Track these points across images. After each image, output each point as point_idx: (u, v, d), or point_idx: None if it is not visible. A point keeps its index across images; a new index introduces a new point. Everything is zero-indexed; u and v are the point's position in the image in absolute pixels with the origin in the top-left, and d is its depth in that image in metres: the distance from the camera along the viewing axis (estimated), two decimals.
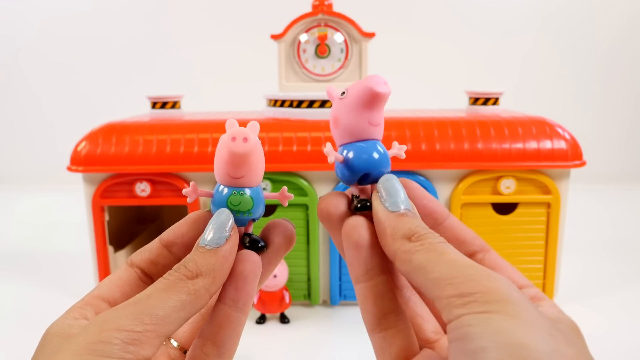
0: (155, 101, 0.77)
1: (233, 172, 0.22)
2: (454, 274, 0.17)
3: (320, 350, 0.57)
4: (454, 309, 0.17)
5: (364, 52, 0.69)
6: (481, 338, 0.15)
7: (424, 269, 0.18)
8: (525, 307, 0.16)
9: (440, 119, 0.65)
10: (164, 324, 0.18)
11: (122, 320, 0.18)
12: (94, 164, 0.63)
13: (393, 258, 0.20)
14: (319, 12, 0.68)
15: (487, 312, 0.16)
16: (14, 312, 0.67)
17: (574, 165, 0.62)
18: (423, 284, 0.18)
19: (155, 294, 0.19)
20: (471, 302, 0.16)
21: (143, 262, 0.23)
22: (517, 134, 0.63)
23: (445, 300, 0.17)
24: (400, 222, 0.20)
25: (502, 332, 0.15)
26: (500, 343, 0.15)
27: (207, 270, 0.20)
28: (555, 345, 0.15)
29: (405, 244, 0.20)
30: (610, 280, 0.74)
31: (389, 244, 0.20)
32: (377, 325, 0.22)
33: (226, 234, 0.21)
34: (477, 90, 0.74)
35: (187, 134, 0.63)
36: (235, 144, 0.21)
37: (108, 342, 0.17)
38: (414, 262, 0.19)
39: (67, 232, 0.98)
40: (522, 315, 0.16)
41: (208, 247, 0.20)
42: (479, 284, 0.17)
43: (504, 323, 0.15)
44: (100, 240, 0.65)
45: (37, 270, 0.80)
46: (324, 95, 0.67)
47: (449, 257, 0.19)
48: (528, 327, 0.15)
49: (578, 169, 0.63)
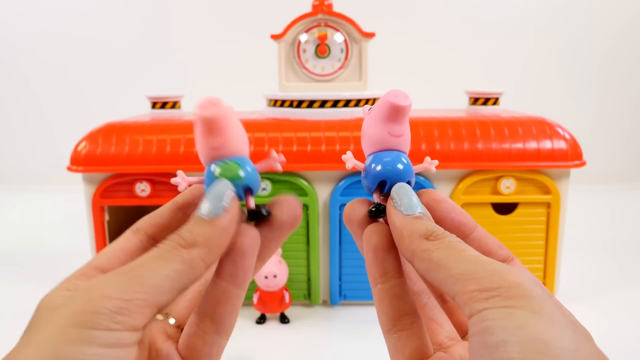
0: (155, 101, 0.77)
1: (211, 143, 0.21)
2: (476, 269, 0.17)
3: (320, 350, 0.57)
4: (476, 303, 0.16)
5: (364, 52, 0.69)
6: (503, 332, 0.15)
7: (444, 266, 0.18)
8: (549, 303, 0.16)
9: (440, 119, 0.65)
10: (156, 293, 0.17)
11: (110, 288, 0.17)
12: (94, 164, 0.63)
13: (411, 258, 0.20)
14: (319, 12, 0.68)
15: (509, 307, 0.16)
16: (13, 312, 0.67)
17: (574, 165, 0.62)
18: (443, 281, 0.18)
19: (147, 262, 0.18)
20: (494, 297, 0.16)
21: (152, 227, 0.22)
22: (517, 134, 0.63)
23: (468, 295, 0.17)
24: (417, 224, 0.20)
25: (524, 327, 0.15)
26: (522, 337, 0.15)
27: (204, 240, 0.19)
28: (578, 343, 0.15)
29: (424, 243, 0.20)
30: (610, 280, 0.74)
31: (407, 244, 0.20)
32: (392, 327, 0.22)
33: (224, 203, 0.20)
34: (477, 90, 0.74)
35: (187, 134, 0.63)
36: (204, 109, 0.21)
37: (94, 312, 0.16)
38: (434, 259, 0.19)
39: (67, 232, 0.98)
40: (546, 312, 0.16)
41: (205, 217, 0.20)
42: (502, 278, 0.17)
43: (527, 318, 0.15)
44: (100, 240, 0.65)
45: (37, 271, 0.80)
46: (324, 95, 0.67)
47: (469, 254, 0.18)
48: (551, 324, 0.15)
49: (578, 169, 0.63)
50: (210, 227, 0.19)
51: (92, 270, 0.20)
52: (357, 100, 0.68)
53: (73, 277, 0.20)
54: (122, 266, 0.18)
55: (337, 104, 0.67)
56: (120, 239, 0.22)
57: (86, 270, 0.20)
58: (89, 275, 0.20)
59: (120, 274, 0.18)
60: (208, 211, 0.20)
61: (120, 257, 0.21)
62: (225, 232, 0.20)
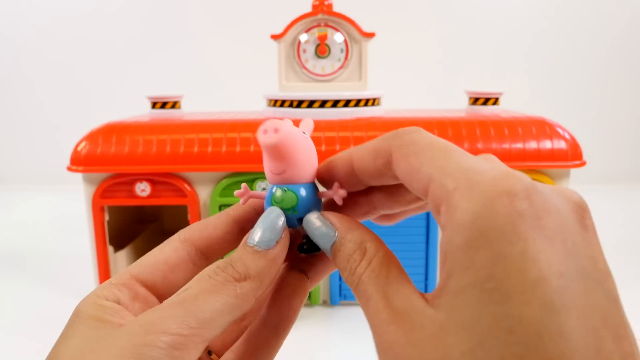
0: (155, 101, 0.77)
1: (272, 167, 0.20)
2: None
3: (320, 350, 0.57)
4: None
5: (364, 52, 0.69)
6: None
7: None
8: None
9: (440, 119, 0.65)
10: (209, 328, 0.17)
11: (169, 323, 0.17)
12: (94, 164, 0.63)
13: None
14: (319, 12, 0.68)
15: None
16: (13, 312, 0.67)
17: (574, 165, 0.62)
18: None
19: (202, 295, 0.18)
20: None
21: (203, 241, 0.21)
22: (517, 134, 0.63)
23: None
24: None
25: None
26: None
27: (256, 274, 0.19)
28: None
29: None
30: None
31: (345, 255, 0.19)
32: None
33: (277, 235, 0.19)
34: (477, 90, 0.74)
35: (187, 134, 0.63)
36: (265, 135, 0.19)
37: (154, 346, 0.16)
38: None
39: (67, 232, 0.98)
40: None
41: (257, 248, 0.19)
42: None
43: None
44: (100, 240, 0.65)
45: (37, 271, 0.80)
46: (324, 95, 0.67)
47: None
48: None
49: (578, 169, 0.63)
50: (263, 259, 0.19)
51: (131, 280, 0.20)
52: (357, 100, 0.68)
53: (112, 283, 0.19)
54: (177, 296, 0.18)
55: (337, 104, 0.67)
56: (166, 247, 0.21)
57: (126, 279, 0.20)
58: (129, 287, 0.19)
59: (177, 306, 0.17)
60: (260, 242, 0.19)
61: (164, 271, 0.20)
62: (276, 264, 0.19)
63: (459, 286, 0.14)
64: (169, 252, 0.20)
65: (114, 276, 0.20)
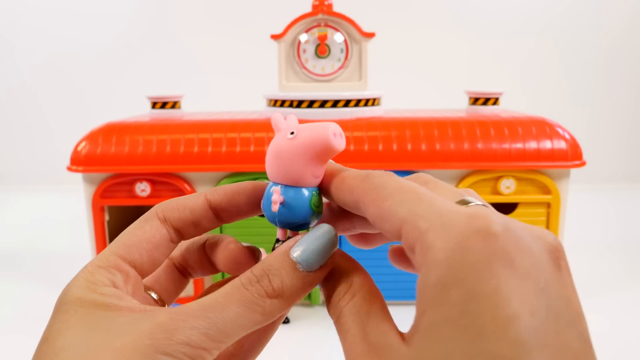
0: (155, 101, 0.77)
1: (316, 171, 0.19)
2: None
3: (320, 350, 0.57)
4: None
5: (364, 52, 0.69)
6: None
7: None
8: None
9: (440, 119, 0.65)
10: (228, 342, 0.17)
11: (194, 335, 0.16)
12: (94, 164, 0.63)
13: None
14: (319, 12, 0.68)
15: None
16: (13, 312, 0.67)
17: (574, 165, 0.62)
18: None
19: (230, 308, 0.17)
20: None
21: (181, 223, 0.20)
22: (517, 134, 0.63)
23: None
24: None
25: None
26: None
27: (290, 294, 0.18)
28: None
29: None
30: (611, 280, 0.74)
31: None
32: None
33: (323, 260, 0.19)
34: (477, 90, 0.74)
35: (187, 134, 0.63)
36: (340, 139, 0.19)
37: (174, 356, 0.16)
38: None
39: (67, 232, 0.98)
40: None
41: (299, 267, 0.18)
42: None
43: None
44: (100, 241, 0.65)
45: (37, 271, 0.80)
46: (324, 95, 0.67)
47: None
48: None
49: (578, 169, 0.63)
50: (302, 281, 0.18)
51: (122, 262, 0.19)
52: (357, 100, 0.68)
53: (101, 266, 0.19)
54: (204, 300, 0.17)
55: (337, 104, 0.67)
56: (147, 227, 0.20)
57: (115, 262, 0.19)
58: (121, 270, 0.19)
59: (203, 314, 0.17)
60: (303, 261, 0.18)
61: (149, 250, 0.20)
62: (311, 288, 0.19)
63: (432, 323, 0.14)
64: (151, 230, 0.20)
65: (98, 258, 0.19)
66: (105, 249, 0.19)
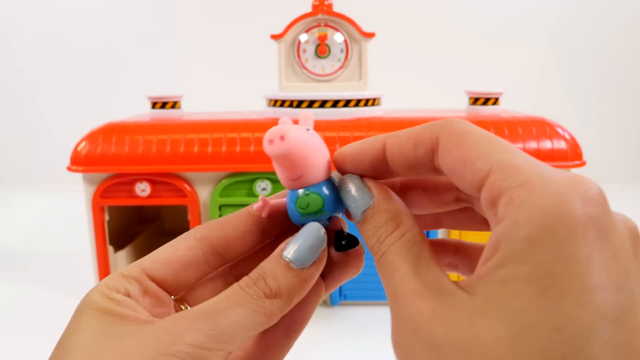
0: (155, 101, 0.77)
1: (288, 174, 0.19)
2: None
3: (320, 350, 0.57)
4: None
5: (364, 52, 0.69)
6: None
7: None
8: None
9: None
10: (232, 343, 0.17)
11: (197, 336, 0.17)
12: (94, 164, 0.63)
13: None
14: (319, 12, 0.68)
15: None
16: (13, 312, 0.67)
17: (574, 165, 0.62)
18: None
19: (232, 310, 0.18)
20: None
21: (221, 241, 0.20)
22: (517, 134, 0.63)
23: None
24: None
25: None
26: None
27: (287, 292, 0.18)
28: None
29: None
30: None
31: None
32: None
33: (314, 256, 0.19)
34: (477, 90, 0.74)
35: (187, 134, 0.63)
36: (271, 146, 0.18)
37: (179, 357, 0.16)
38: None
39: (67, 233, 0.98)
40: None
41: (293, 266, 0.19)
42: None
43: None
44: (100, 240, 0.65)
45: (37, 271, 0.80)
46: (324, 95, 0.67)
47: None
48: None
49: (578, 169, 0.63)
50: (297, 278, 0.19)
51: (142, 275, 0.19)
52: (357, 100, 0.68)
53: (122, 275, 0.19)
54: (206, 305, 0.18)
55: (337, 104, 0.67)
56: (180, 245, 0.20)
57: (136, 273, 0.19)
58: (139, 281, 0.19)
59: (205, 317, 0.17)
60: (296, 259, 0.19)
61: (176, 269, 0.19)
62: (308, 285, 0.19)
63: (510, 276, 0.14)
64: (183, 250, 0.20)
65: (124, 268, 0.19)
66: (136, 261, 0.20)
